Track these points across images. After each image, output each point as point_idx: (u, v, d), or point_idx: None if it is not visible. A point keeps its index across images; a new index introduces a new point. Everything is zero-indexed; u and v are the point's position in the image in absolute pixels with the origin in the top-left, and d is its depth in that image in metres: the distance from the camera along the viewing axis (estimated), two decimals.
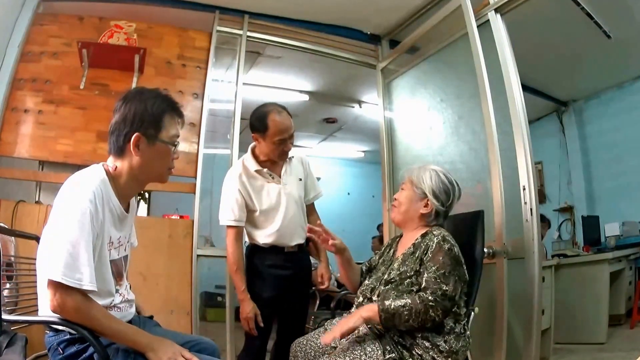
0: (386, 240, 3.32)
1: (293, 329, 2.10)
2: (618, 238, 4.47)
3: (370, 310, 1.46)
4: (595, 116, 5.30)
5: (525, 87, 2.48)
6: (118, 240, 1.27)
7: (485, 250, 2.06)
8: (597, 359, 3.33)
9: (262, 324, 1.96)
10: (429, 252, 1.54)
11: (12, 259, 1.90)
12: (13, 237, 1.97)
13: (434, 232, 1.61)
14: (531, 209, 2.17)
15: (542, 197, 5.60)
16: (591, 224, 4.69)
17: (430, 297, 1.42)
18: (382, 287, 1.58)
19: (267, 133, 1.99)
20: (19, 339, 1.45)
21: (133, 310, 1.36)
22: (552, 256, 4.28)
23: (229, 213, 2.04)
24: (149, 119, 1.25)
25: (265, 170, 2.07)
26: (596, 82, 5.00)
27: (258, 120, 2.01)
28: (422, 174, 1.72)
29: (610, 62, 4.41)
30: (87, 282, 1.08)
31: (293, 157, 2.19)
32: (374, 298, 1.59)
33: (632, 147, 4.74)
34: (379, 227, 6.39)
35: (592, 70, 4.65)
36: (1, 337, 1.37)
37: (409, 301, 1.43)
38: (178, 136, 1.32)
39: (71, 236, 1.09)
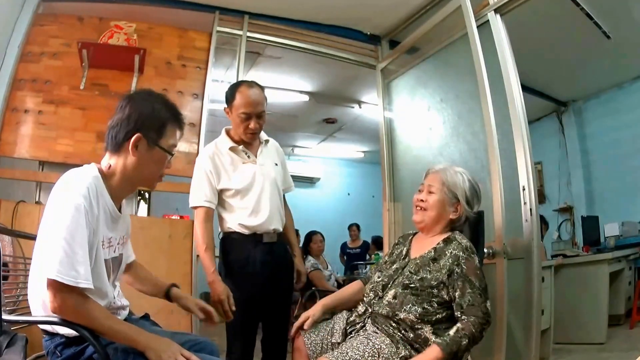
0: (386, 243, 3.32)
1: (277, 330, 2.02)
2: (618, 238, 4.47)
3: (432, 357, 1.36)
4: (595, 116, 5.31)
5: (525, 87, 2.48)
6: (109, 241, 1.26)
7: (485, 250, 2.07)
8: (596, 359, 3.33)
9: (234, 308, 1.80)
10: (461, 264, 1.49)
11: (9, 258, 1.90)
12: (8, 237, 1.97)
13: (459, 240, 1.55)
14: (531, 209, 2.17)
15: (541, 197, 5.61)
16: (591, 224, 4.70)
17: (481, 320, 1.41)
18: (400, 290, 1.52)
19: (233, 104, 1.94)
20: (19, 339, 1.45)
21: (126, 312, 1.37)
22: (552, 256, 4.28)
23: (199, 194, 1.92)
24: (152, 123, 1.25)
25: (240, 147, 1.98)
26: (596, 82, 5.00)
27: (228, 90, 1.97)
28: (454, 177, 1.64)
29: (610, 62, 4.42)
30: (82, 279, 1.07)
31: (269, 141, 2.10)
32: (388, 298, 1.52)
33: (631, 147, 4.75)
34: (351, 227, 6.46)
35: (592, 70, 4.65)
36: (1, 337, 1.37)
37: (461, 326, 1.40)
38: (175, 147, 1.32)
39: (65, 233, 1.08)
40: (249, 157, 1.99)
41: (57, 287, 1.06)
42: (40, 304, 1.16)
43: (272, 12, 3.39)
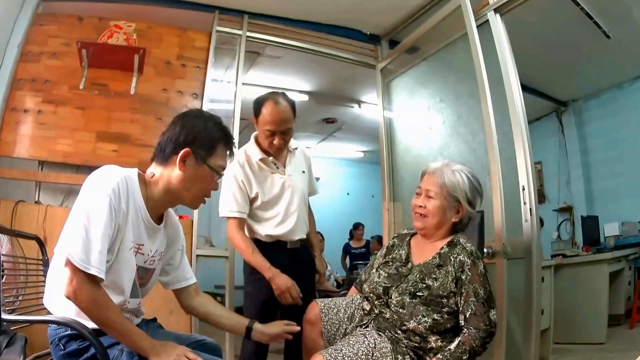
0: (385, 243, 3.31)
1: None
2: (617, 238, 4.48)
3: None
4: (595, 116, 5.31)
5: (524, 87, 2.48)
6: (138, 247, 1.23)
7: (485, 250, 2.06)
8: (596, 359, 3.33)
9: (300, 295, 1.84)
10: (466, 270, 1.45)
11: (5, 257, 1.89)
12: (5, 236, 1.97)
13: (464, 244, 1.51)
14: (530, 209, 2.17)
15: (541, 197, 5.61)
16: (590, 224, 4.70)
17: (483, 334, 1.38)
18: (407, 299, 1.47)
19: (258, 119, 1.92)
20: (18, 339, 1.45)
21: (138, 320, 1.35)
22: (552, 256, 4.28)
23: (231, 204, 1.92)
24: (203, 140, 1.24)
25: (270, 159, 1.98)
26: (596, 82, 5.00)
27: (256, 103, 1.94)
28: (452, 178, 1.54)
29: (610, 62, 4.42)
30: (92, 266, 1.06)
31: (296, 148, 2.11)
32: (394, 307, 1.48)
33: (631, 147, 4.75)
34: (358, 226, 6.45)
35: (592, 70, 4.65)
36: (1, 337, 1.37)
37: (462, 340, 1.38)
38: (224, 169, 1.30)
39: (85, 219, 1.09)
40: (277, 167, 2.00)
41: (75, 272, 1.07)
42: (56, 293, 1.16)
43: (272, 11, 3.39)
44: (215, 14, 3.27)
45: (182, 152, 1.21)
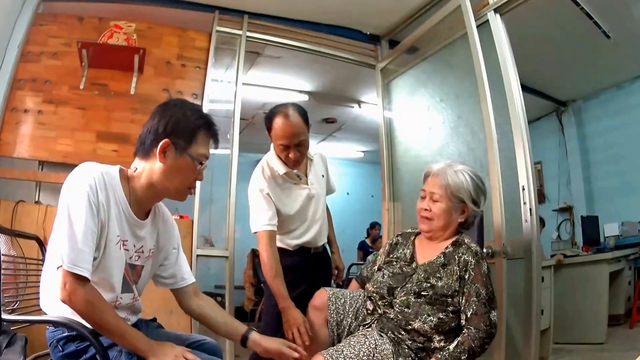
0: (385, 244, 3.31)
1: None
2: (617, 238, 4.48)
3: None
4: (595, 116, 5.31)
5: (524, 87, 2.48)
6: (123, 243, 1.22)
7: (485, 250, 2.06)
8: (596, 359, 3.33)
9: (310, 333, 1.68)
10: (469, 270, 1.46)
11: (4, 257, 1.89)
12: (3, 236, 1.97)
13: (469, 244, 1.52)
14: (530, 209, 2.17)
15: (541, 197, 5.61)
16: (590, 224, 4.70)
17: (482, 334, 1.38)
18: (412, 299, 1.47)
19: (271, 134, 1.91)
20: (18, 339, 1.45)
21: (135, 318, 1.35)
22: (552, 256, 4.28)
23: (262, 218, 1.90)
24: (183, 129, 1.21)
25: (294, 172, 1.98)
26: (595, 82, 5.01)
27: (267, 118, 1.92)
28: (456, 178, 1.56)
29: (610, 62, 4.42)
30: (79, 267, 1.06)
31: (314, 154, 2.12)
32: (399, 307, 1.48)
33: (631, 147, 4.75)
34: (375, 226, 6.46)
35: (592, 70, 4.65)
36: (1, 337, 1.37)
37: (461, 340, 1.38)
38: (207, 158, 1.26)
39: (67, 221, 1.08)
40: (300, 179, 2.02)
41: (67, 276, 1.06)
42: (51, 295, 1.16)
43: (272, 12, 3.39)
44: (215, 14, 3.27)
45: (161, 143, 1.19)
